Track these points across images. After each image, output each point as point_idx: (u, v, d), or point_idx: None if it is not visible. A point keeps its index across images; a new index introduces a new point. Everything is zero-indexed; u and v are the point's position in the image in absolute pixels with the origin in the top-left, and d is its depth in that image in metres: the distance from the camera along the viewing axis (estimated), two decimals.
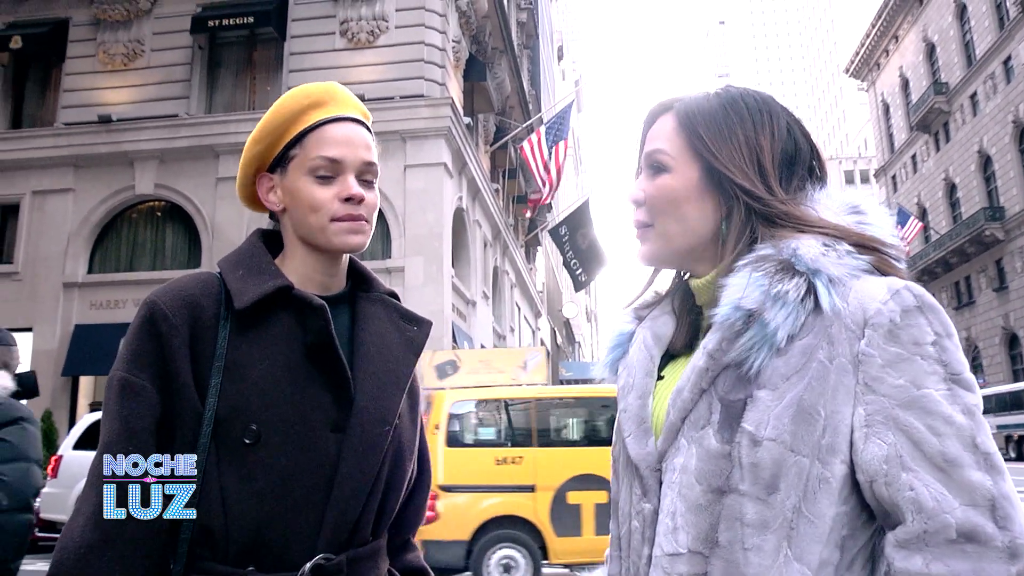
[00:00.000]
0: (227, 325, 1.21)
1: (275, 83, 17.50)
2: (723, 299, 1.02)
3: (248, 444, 1.15)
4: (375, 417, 1.24)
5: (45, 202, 16.94)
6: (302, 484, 1.17)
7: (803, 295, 0.98)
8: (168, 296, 1.21)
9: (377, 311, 1.36)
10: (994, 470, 0.90)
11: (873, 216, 1.10)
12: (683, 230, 1.12)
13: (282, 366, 1.20)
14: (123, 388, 1.17)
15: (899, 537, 0.91)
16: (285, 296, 1.24)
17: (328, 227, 1.27)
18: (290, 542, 1.16)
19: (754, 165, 1.09)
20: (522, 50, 29.22)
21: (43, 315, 16.19)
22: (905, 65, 49.36)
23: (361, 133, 1.33)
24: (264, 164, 1.34)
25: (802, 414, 0.95)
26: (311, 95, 1.32)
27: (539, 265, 38.22)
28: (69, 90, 17.70)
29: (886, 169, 53.64)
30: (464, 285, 18.81)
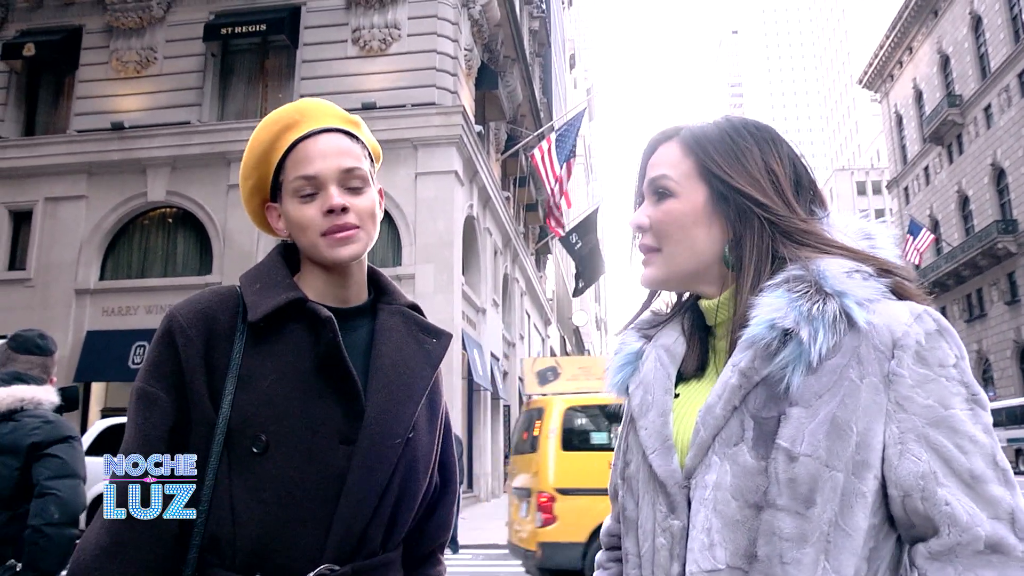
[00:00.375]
0: (242, 337, 1.23)
1: (287, 90, 17.59)
2: (755, 318, 1.03)
3: (256, 454, 1.17)
4: (385, 430, 1.24)
5: (58, 209, 17.05)
6: (309, 495, 1.18)
7: (837, 316, 1.00)
8: (186, 309, 1.24)
9: (396, 323, 1.37)
10: (1010, 484, 0.96)
11: (882, 242, 1.14)
12: (690, 254, 1.14)
13: (293, 377, 1.21)
14: (140, 398, 1.21)
15: (932, 549, 0.95)
16: (298, 309, 1.25)
17: (319, 243, 1.27)
18: (295, 552, 1.17)
19: (771, 184, 1.11)
20: (534, 58, 29.28)
21: (55, 321, 16.26)
22: (919, 77, 49.22)
23: (337, 142, 1.31)
24: (265, 195, 1.36)
25: (836, 430, 0.98)
26: (281, 119, 1.33)
27: (549, 273, 38.23)
28: (82, 97, 17.84)
29: (898, 180, 53.45)
30: (474, 293, 18.81)
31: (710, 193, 1.13)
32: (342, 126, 1.34)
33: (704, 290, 1.17)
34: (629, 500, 1.16)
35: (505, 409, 24.18)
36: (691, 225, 1.13)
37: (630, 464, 1.18)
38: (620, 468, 1.22)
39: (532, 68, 27.64)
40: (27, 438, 2.75)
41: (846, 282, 1.01)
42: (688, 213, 1.13)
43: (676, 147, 1.17)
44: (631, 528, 1.15)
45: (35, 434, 2.76)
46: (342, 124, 1.35)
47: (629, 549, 1.15)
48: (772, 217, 1.09)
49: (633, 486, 1.16)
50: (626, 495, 1.18)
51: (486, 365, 19.52)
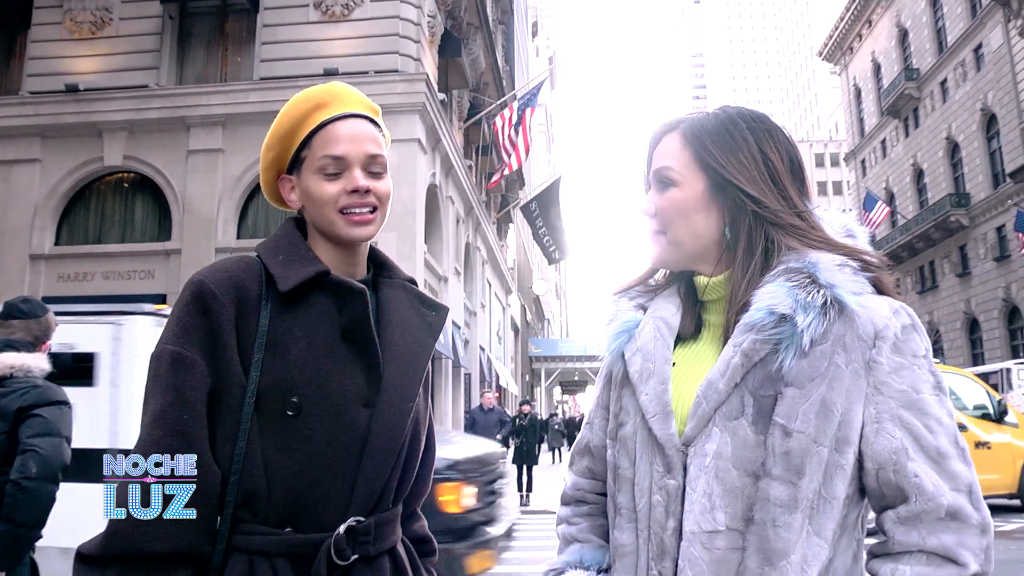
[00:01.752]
0: (268, 306, 1.30)
1: (247, 55, 17.29)
2: (756, 303, 1.15)
3: (289, 416, 1.25)
4: (401, 394, 1.35)
5: (11, 172, 16.64)
6: (337, 454, 1.28)
7: (827, 305, 1.13)
8: (215, 276, 1.31)
9: (399, 296, 1.46)
10: (968, 462, 1.11)
11: (862, 239, 1.27)
12: (692, 236, 1.26)
13: (321, 345, 1.30)
14: (175, 360, 1.25)
15: (901, 515, 1.09)
16: (323, 280, 1.34)
17: (337, 220, 1.36)
18: (324, 506, 1.27)
19: (766, 175, 1.23)
20: (497, 26, 29.06)
21: (9, 288, 15.90)
22: (878, 50, 49.71)
23: (365, 128, 1.41)
24: (283, 167, 1.44)
25: (824, 410, 1.11)
26: (312, 98, 1.40)
27: (510, 242, 38.29)
28: (35, 58, 17.34)
29: (856, 153, 54.13)
30: (436, 261, 18.83)
31: (708, 183, 1.24)
32: (367, 113, 1.44)
33: (703, 269, 1.29)
34: (624, 459, 1.26)
35: (466, 377, 24.32)
36: (691, 211, 1.25)
37: (624, 425, 1.28)
38: (611, 429, 1.32)
39: (495, 36, 27.45)
40: (15, 402, 2.80)
41: (837, 275, 1.14)
42: (689, 200, 1.25)
43: (677, 139, 1.29)
44: (625, 485, 1.25)
45: (24, 398, 2.82)
46: (367, 112, 1.44)
47: (622, 503, 1.26)
48: (762, 210, 1.21)
49: (628, 446, 1.26)
50: (620, 455, 1.28)
51: (448, 333, 19.61)
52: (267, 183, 1.48)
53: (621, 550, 1.24)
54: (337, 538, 1.26)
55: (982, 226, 37.79)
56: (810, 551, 1.09)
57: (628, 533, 1.23)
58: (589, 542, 1.37)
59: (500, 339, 33.14)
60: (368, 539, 1.29)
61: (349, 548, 1.27)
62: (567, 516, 1.43)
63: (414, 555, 1.47)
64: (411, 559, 1.45)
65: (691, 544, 1.12)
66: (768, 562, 1.09)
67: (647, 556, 1.19)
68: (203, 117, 16.11)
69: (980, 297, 37.90)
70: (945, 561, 1.05)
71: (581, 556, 1.36)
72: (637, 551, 1.21)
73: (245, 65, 17.25)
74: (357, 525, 1.28)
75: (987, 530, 1.07)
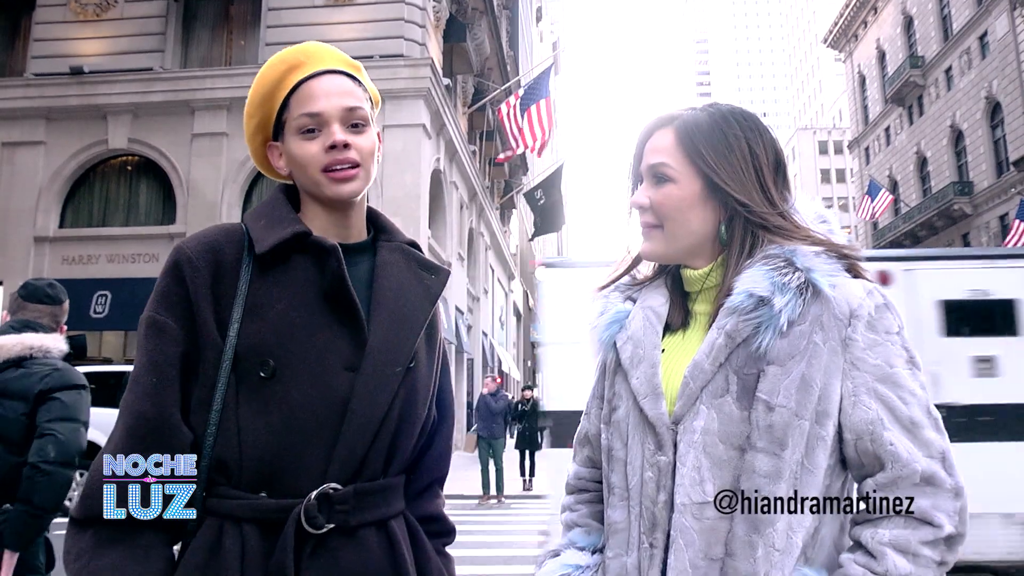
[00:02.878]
0: (248, 269, 1.29)
1: (252, 39, 17.28)
2: (737, 288, 1.22)
3: (264, 378, 1.22)
4: (387, 358, 1.30)
5: (15, 154, 16.68)
6: (314, 418, 1.23)
7: (802, 287, 1.19)
8: (192, 242, 1.30)
9: (396, 259, 1.42)
10: (941, 430, 1.17)
11: (835, 226, 1.34)
12: (688, 232, 1.31)
13: (299, 307, 1.27)
14: (149, 326, 1.26)
15: (879, 481, 1.15)
16: (302, 242, 1.31)
17: (321, 179, 1.32)
18: (300, 472, 1.22)
19: (753, 176, 1.29)
20: (501, 11, 28.97)
21: (13, 269, 16.01)
22: (882, 37, 49.51)
23: (341, 82, 1.36)
24: (268, 134, 1.41)
25: (804, 386, 1.17)
26: (286, 60, 1.38)
27: (513, 228, 38.29)
28: (39, 40, 17.34)
29: (860, 140, 54.02)
30: (440, 246, 18.87)
31: (704, 183, 1.29)
32: (345, 69, 1.40)
33: (696, 263, 1.33)
34: (616, 441, 1.32)
35: (468, 362, 24.40)
36: (687, 208, 1.29)
37: (617, 409, 1.33)
38: (605, 414, 1.38)
39: (500, 21, 27.37)
40: (36, 385, 2.82)
41: (813, 260, 1.21)
42: (686, 198, 1.29)
43: (671, 136, 1.32)
44: (617, 465, 1.31)
45: (45, 381, 2.84)
46: (345, 67, 1.40)
47: (615, 483, 1.31)
48: (750, 215, 1.27)
49: (621, 428, 1.31)
50: (613, 437, 1.33)
51: (451, 318, 19.67)
52: (255, 151, 1.45)
53: (614, 527, 1.30)
54: (308, 505, 1.20)
55: (985, 214, 37.75)
56: (795, 518, 1.15)
57: (620, 511, 1.29)
58: (588, 526, 1.43)
59: (503, 324, 33.22)
60: (345, 508, 1.23)
61: (323, 516, 1.21)
62: (569, 504, 1.49)
63: (419, 533, 1.40)
64: (415, 536, 1.39)
65: (682, 515, 1.18)
66: (755, 529, 1.15)
67: (639, 530, 1.24)
68: (208, 100, 16.13)
69: None
70: (921, 523, 1.11)
71: (579, 538, 1.42)
72: (629, 527, 1.27)
73: (250, 49, 17.25)
74: (333, 493, 1.22)
75: (960, 494, 1.13)
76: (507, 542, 8.68)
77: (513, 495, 13.80)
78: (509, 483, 14.06)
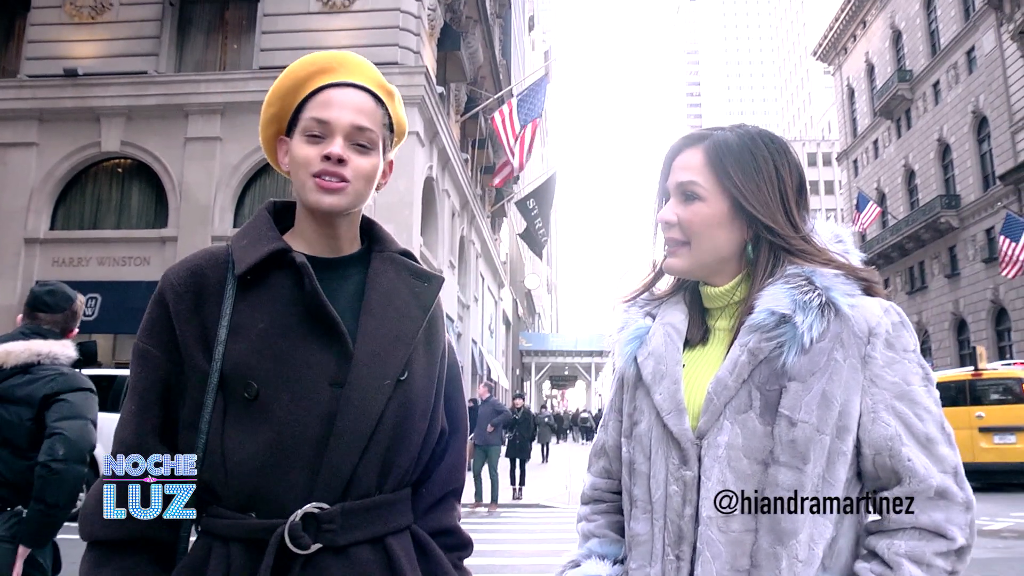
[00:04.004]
0: (232, 290, 1.28)
1: (247, 44, 17.29)
2: (759, 306, 1.27)
3: (248, 399, 1.22)
4: (374, 372, 1.27)
5: (7, 155, 16.61)
6: (299, 436, 1.22)
7: (824, 306, 1.24)
8: (176, 268, 1.32)
9: (387, 269, 1.40)
10: (953, 446, 1.22)
11: (850, 245, 1.39)
12: (714, 249, 1.35)
13: (281, 325, 1.26)
14: (135, 354, 1.31)
15: (895, 494, 1.20)
16: (282, 259, 1.30)
17: (308, 183, 1.31)
18: (286, 491, 1.21)
19: (778, 199, 1.34)
20: (495, 19, 29.07)
21: (3, 270, 15.98)
22: (871, 51, 49.89)
23: (361, 98, 1.36)
24: (281, 127, 1.41)
25: (825, 402, 1.21)
26: (319, 62, 1.38)
27: (504, 236, 38.34)
28: (34, 41, 17.30)
29: (848, 153, 54.34)
30: (431, 253, 18.90)
31: (731, 203, 1.33)
32: (374, 89, 1.39)
33: (718, 280, 1.38)
34: (639, 455, 1.36)
35: None
36: (715, 226, 1.34)
37: (639, 424, 1.37)
38: (626, 428, 1.41)
39: (493, 29, 27.47)
40: (41, 389, 2.86)
41: (832, 280, 1.26)
42: (714, 216, 1.34)
43: (700, 155, 1.36)
44: (640, 479, 1.35)
45: (50, 385, 2.88)
46: (374, 87, 1.40)
47: (638, 496, 1.34)
48: (775, 238, 1.32)
49: (644, 443, 1.35)
50: (635, 451, 1.37)
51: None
52: (266, 141, 1.45)
53: (636, 539, 1.33)
54: (292, 524, 1.19)
55: (972, 228, 38.03)
56: (816, 530, 1.20)
57: (643, 523, 1.32)
58: (606, 536, 1.46)
59: (492, 332, 33.23)
60: (333, 527, 1.21)
61: (308, 536, 1.20)
62: (586, 514, 1.51)
63: (431, 547, 1.38)
64: (426, 551, 1.36)
65: (708, 528, 1.22)
66: (779, 541, 1.19)
67: (663, 543, 1.27)
68: (202, 105, 16.13)
69: (969, 298, 38.16)
70: (935, 536, 1.17)
71: (598, 549, 1.44)
72: (652, 539, 1.30)
73: (245, 54, 17.26)
74: (320, 512, 1.21)
75: (971, 507, 1.19)
76: (498, 551, 8.70)
77: (504, 504, 13.80)
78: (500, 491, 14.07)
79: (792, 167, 1.37)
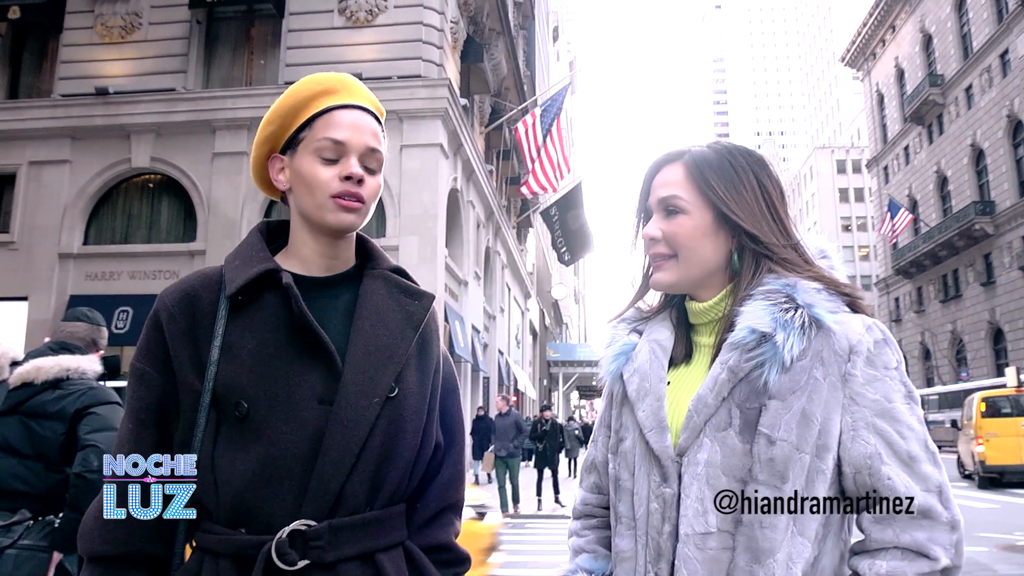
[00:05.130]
0: (225, 311, 1.31)
1: (273, 60, 17.52)
2: (740, 324, 1.26)
3: (239, 418, 1.24)
4: (362, 390, 1.28)
5: (42, 173, 16.96)
6: (288, 454, 1.23)
7: (806, 324, 1.23)
8: (171, 290, 1.35)
9: (378, 287, 1.41)
10: (938, 464, 1.20)
11: (836, 261, 1.39)
12: (700, 261, 1.35)
13: (271, 344, 1.28)
14: (131, 374, 1.34)
15: (876, 514, 1.19)
16: (272, 279, 1.32)
17: (325, 204, 1.34)
18: (275, 508, 1.23)
19: (764, 207, 1.34)
20: (518, 31, 29.21)
21: (38, 285, 16.27)
22: (901, 55, 49.42)
23: (369, 121, 1.40)
24: (276, 146, 1.42)
25: (804, 420, 1.20)
26: (323, 83, 1.41)
27: (530, 246, 38.38)
28: (66, 61, 17.67)
29: (878, 160, 53.82)
30: (457, 265, 18.96)
31: (714, 214, 1.34)
32: (374, 111, 1.44)
33: (704, 294, 1.37)
34: (624, 471, 1.36)
35: (484, 381, 24.42)
36: (701, 237, 1.34)
37: (624, 440, 1.37)
38: (612, 444, 1.41)
39: (516, 41, 27.59)
40: (73, 405, 2.96)
41: (814, 296, 1.24)
42: (699, 227, 1.34)
43: (680, 170, 1.37)
44: (625, 495, 1.35)
45: (81, 400, 2.98)
46: (374, 109, 1.45)
47: (623, 512, 1.35)
48: (758, 247, 1.32)
49: (628, 459, 1.35)
50: (620, 467, 1.37)
51: (467, 337, 19.73)
52: (257, 158, 1.45)
53: (621, 555, 1.33)
54: (279, 541, 1.21)
55: (1007, 234, 37.45)
56: (794, 549, 1.19)
57: (628, 540, 1.32)
58: (595, 552, 1.46)
59: (519, 343, 33.22)
60: (320, 544, 1.22)
61: (296, 552, 1.21)
62: (576, 529, 1.52)
63: (424, 564, 1.38)
64: (419, 568, 1.37)
65: (685, 545, 1.22)
66: (756, 560, 1.18)
67: (645, 559, 1.27)
68: (228, 120, 16.35)
69: (1005, 307, 37.54)
70: (917, 556, 1.15)
71: (587, 563, 1.45)
72: (636, 556, 1.30)
73: (270, 69, 17.48)
74: (307, 529, 1.22)
75: (956, 527, 1.16)
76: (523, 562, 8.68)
77: (528, 515, 13.79)
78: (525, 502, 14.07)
79: (773, 179, 1.37)
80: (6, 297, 16.31)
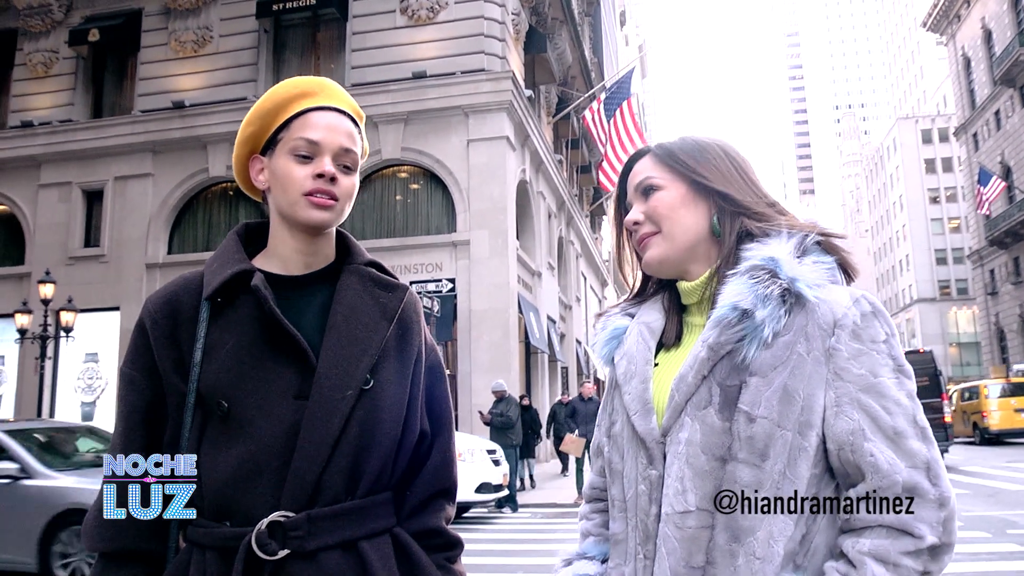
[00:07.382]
0: (206, 314, 1.35)
1: (339, 62, 17.83)
2: (720, 301, 1.23)
3: (221, 416, 1.30)
4: (335, 383, 1.32)
5: (126, 187, 17.71)
6: (266, 448, 1.28)
7: (786, 298, 1.20)
8: (154, 298, 1.40)
9: (352, 282, 1.44)
10: (928, 440, 1.16)
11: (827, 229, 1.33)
12: (684, 229, 1.33)
13: (247, 344, 1.32)
14: (120, 378, 1.40)
15: (859, 492, 1.15)
16: (246, 279, 1.36)
17: (299, 201, 1.37)
18: (255, 501, 1.27)
19: (733, 171, 1.34)
20: (583, 18, 28.99)
21: (128, 295, 16.99)
22: (988, 15, 47.19)
23: (344, 123, 1.43)
24: (257, 147, 1.45)
25: (786, 396, 1.17)
26: (302, 86, 1.44)
27: (604, 234, 38.12)
28: (144, 78, 18.39)
29: (967, 127, 51.57)
30: (529, 256, 18.97)
31: (688, 184, 1.34)
32: (351, 113, 1.46)
33: (694, 269, 1.35)
34: (615, 454, 1.35)
35: (563, 371, 24.40)
36: (679, 206, 1.33)
37: (615, 424, 1.37)
38: (606, 427, 1.41)
39: (582, 28, 27.39)
40: None
41: (797, 268, 1.21)
42: (676, 198, 1.33)
43: (649, 159, 1.39)
44: (617, 478, 1.34)
45: None
46: (352, 112, 1.47)
47: (615, 496, 1.34)
48: (735, 207, 1.31)
49: (619, 442, 1.35)
50: (612, 450, 1.37)
51: (543, 328, 19.73)
52: (239, 158, 1.49)
53: (615, 538, 1.33)
54: (259, 532, 1.25)
55: None
56: (776, 527, 1.16)
57: (620, 523, 1.32)
58: (600, 535, 1.46)
59: None
60: (299, 533, 1.26)
61: (276, 543, 1.25)
62: (585, 512, 1.53)
63: (413, 549, 1.41)
64: (406, 553, 1.39)
65: (666, 524, 1.20)
66: (735, 539, 1.16)
67: (635, 542, 1.27)
68: None
69: None
70: (902, 534, 1.11)
71: (590, 548, 1.46)
72: (627, 538, 1.30)
73: (337, 72, 17.80)
74: (285, 520, 1.26)
75: (945, 504, 1.11)
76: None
77: None
78: None
79: (739, 152, 1.37)
80: (100, 308, 17.10)
